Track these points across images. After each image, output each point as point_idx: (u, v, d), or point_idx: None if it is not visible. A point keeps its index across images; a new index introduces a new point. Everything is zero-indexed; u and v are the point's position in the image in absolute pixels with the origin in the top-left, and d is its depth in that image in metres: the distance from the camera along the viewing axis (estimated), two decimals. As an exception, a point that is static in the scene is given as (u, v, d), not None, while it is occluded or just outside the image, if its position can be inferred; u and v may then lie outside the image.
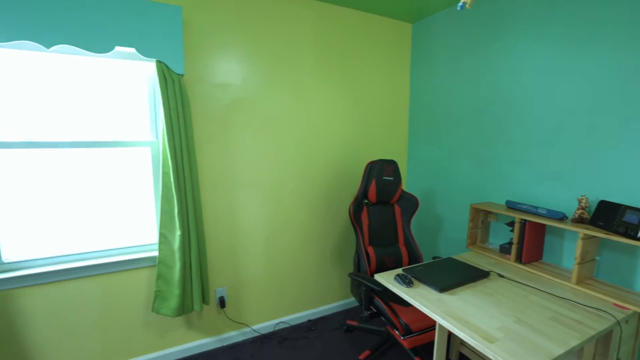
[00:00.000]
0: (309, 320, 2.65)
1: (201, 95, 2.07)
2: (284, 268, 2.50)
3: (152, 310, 2.00)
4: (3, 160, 1.72)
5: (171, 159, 1.83)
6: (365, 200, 2.42)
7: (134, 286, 2.02)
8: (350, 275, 2.12)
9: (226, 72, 2.13)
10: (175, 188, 1.85)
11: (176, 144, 1.85)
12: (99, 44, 1.67)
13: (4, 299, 1.73)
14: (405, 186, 3.02)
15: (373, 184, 2.29)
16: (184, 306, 2.01)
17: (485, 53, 2.23)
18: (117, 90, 1.92)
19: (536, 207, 1.84)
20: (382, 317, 2.07)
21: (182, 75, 1.86)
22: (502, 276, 1.81)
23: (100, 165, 1.92)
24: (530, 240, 1.89)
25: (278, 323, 2.54)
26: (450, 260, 1.98)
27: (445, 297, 1.58)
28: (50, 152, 1.81)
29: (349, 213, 2.24)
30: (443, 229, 2.66)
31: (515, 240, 1.92)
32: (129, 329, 2.04)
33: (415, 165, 2.90)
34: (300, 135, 2.43)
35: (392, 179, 2.33)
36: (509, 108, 2.11)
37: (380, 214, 2.39)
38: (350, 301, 2.86)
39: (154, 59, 1.79)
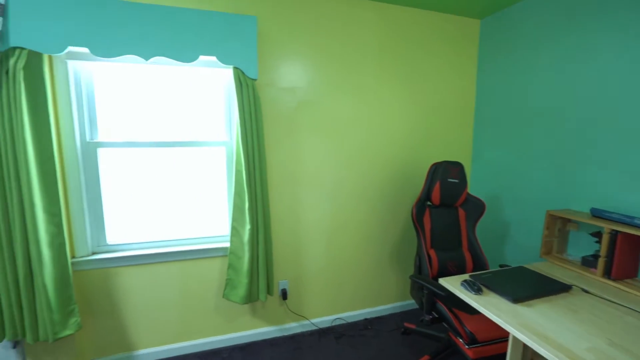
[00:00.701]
0: (366, 319, 2.67)
1: (270, 99, 2.20)
2: (343, 265, 2.56)
3: (223, 296, 2.18)
4: (109, 158, 2.01)
5: (244, 158, 1.98)
6: (428, 202, 2.37)
7: (208, 273, 2.22)
8: (411, 277, 2.10)
9: (293, 75, 2.23)
10: (246, 185, 2.00)
11: (249, 144, 1.99)
12: (186, 54, 1.86)
13: (107, 275, 2.03)
14: (468, 189, 2.88)
15: (437, 186, 2.23)
16: (251, 295, 2.16)
17: (565, 46, 2.05)
18: (198, 96, 2.13)
19: (632, 217, 1.65)
20: (443, 323, 2.02)
21: (256, 80, 1.99)
22: (586, 291, 1.65)
23: (183, 163, 2.14)
24: (623, 254, 1.70)
25: (335, 319, 2.60)
26: (522, 270, 1.86)
27: (520, 308, 1.49)
28: (145, 151, 2.06)
29: (411, 214, 2.22)
30: (510, 236, 2.50)
31: (602, 253, 1.74)
32: (202, 310, 2.25)
33: (480, 167, 2.76)
34: (362, 136, 2.46)
35: (457, 181, 2.25)
36: (593, 105, 1.91)
37: (444, 217, 2.32)
38: (407, 303, 2.82)
39: (231, 66, 1.95)
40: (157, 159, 2.10)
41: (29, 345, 1.92)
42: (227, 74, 2.14)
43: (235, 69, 1.94)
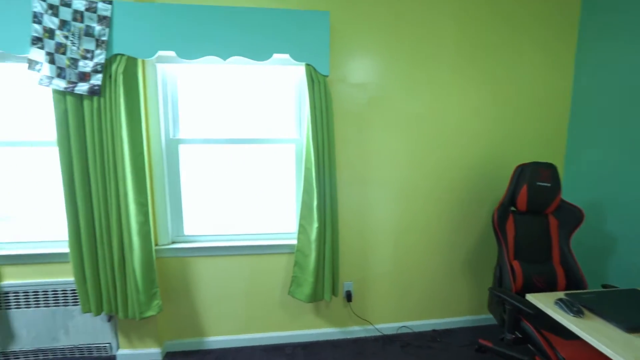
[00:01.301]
0: (434, 330, 2.50)
1: (340, 95, 2.16)
2: (410, 270, 2.42)
3: (288, 293, 2.19)
4: (187, 154, 2.15)
5: (314, 156, 1.96)
6: (512, 208, 2.12)
7: (274, 269, 2.25)
8: (491, 290, 1.89)
9: (364, 71, 2.16)
10: (315, 183, 1.98)
11: (319, 142, 1.97)
12: (261, 52, 1.90)
13: (184, 263, 2.17)
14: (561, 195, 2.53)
15: (523, 189, 1.98)
16: (316, 294, 2.14)
17: None
18: (269, 94, 2.17)
19: None
20: (529, 345, 1.78)
21: (327, 76, 1.96)
22: None
23: (254, 159, 2.21)
24: None
25: (401, 327, 2.47)
26: (636, 293, 1.56)
27: (637, 340, 1.24)
28: (220, 148, 2.17)
29: (492, 220, 2.00)
30: (616, 252, 2.13)
31: None
32: (268, 305, 2.30)
33: (576, 170, 2.40)
34: (435, 133, 2.29)
35: (549, 185, 1.98)
36: None
37: (531, 224, 2.06)
38: (481, 318, 2.57)
39: (304, 63, 1.94)
40: (231, 155, 2.19)
41: (120, 321, 2.14)
42: (298, 71, 2.15)
43: (308, 65, 1.94)
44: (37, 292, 2.10)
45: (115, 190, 1.86)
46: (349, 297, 2.33)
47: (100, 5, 1.76)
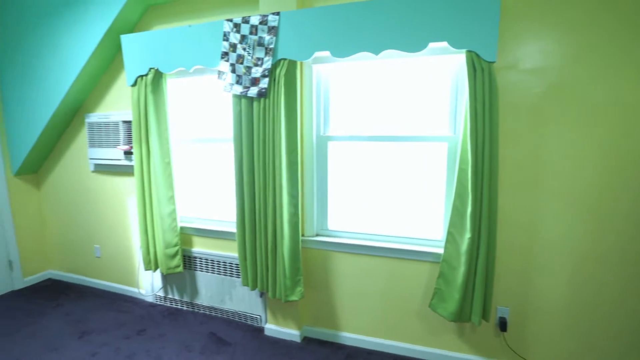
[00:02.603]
0: (633, 399, 1.83)
1: (508, 84, 1.80)
2: (597, 308, 1.83)
3: (429, 306, 1.99)
4: (335, 150, 2.21)
5: (471, 155, 1.70)
6: None
7: (415, 276, 2.09)
8: None
9: (542, 53, 1.73)
10: (471, 187, 1.71)
11: (478, 139, 1.70)
12: (415, 43, 1.76)
13: (326, 256, 2.26)
14: None
15: None
16: (462, 314, 1.87)
17: None
18: (420, 88, 2.00)
19: None
20: None
21: (493, 62, 1.66)
22: None
23: (401, 158, 2.09)
24: None
25: (577, 380, 1.91)
26: None
27: None
28: (366, 145, 2.14)
29: None
30: None
31: None
32: (404, 314, 2.15)
33: None
34: (657, 129, 1.65)
35: None
36: None
37: None
38: None
39: (464, 49, 1.70)
40: (377, 152, 2.14)
41: (269, 299, 2.40)
42: (456, 60, 1.91)
43: (469, 52, 1.68)
44: (214, 261, 2.58)
45: (272, 182, 2.08)
46: (503, 325, 1.95)
47: (270, 17, 1.99)
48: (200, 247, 2.64)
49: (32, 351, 2.24)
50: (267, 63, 2.01)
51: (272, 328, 2.42)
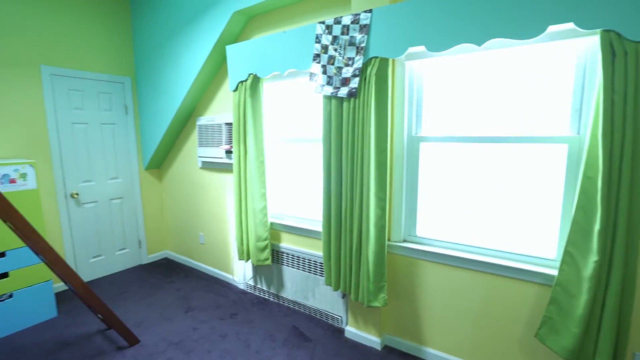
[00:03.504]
0: None
1: (663, 70, 1.41)
2: None
3: (535, 336, 1.70)
4: (428, 152, 2.06)
5: (603, 161, 1.38)
6: None
7: (517, 298, 1.81)
8: None
9: None
10: (602, 199, 1.39)
11: (615, 141, 1.37)
12: (529, 29, 1.52)
13: (412, 264, 2.13)
14: None
15: None
16: (581, 353, 1.54)
17: None
18: (531, 81, 1.72)
19: None
20: None
21: (642, 43, 1.32)
22: None
23: (503, 161, 1.84)
24: None
25: None
26: None
27: None
28: (464, 146, 1.95)
29: None
30: None
31: None
32: (501, 338, 1.89)
33: None
34: None
35: None
36: None
37: None
38: None
39: (597, 29, 1.39)
40: (477, 155, 1.92)
41: (351, 302, 2.38)
42: (583, 45, 1.58)
43: (605, 32, 1.37)
44: (300, 257, 2.67)
45: (360, 183, 2.05)
46: (643, 375, 1.54)
47: (362, 15, 1.95)
48: (287, 243, 2.77)
49: (151, 318, 2.65)
50: (358, 62, 1.98)
51: (353, 331, 2.39)
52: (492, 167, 1.87)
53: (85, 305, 2.49)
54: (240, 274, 3.16)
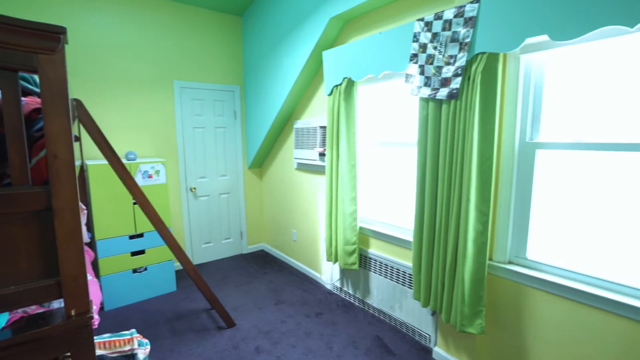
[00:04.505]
0: None
1: None
2: None
3: None
4: (547, 161, 1.73)
5: None
6: None
7: (676, 357, 1.37)
8: None
9: None
10: None
11: None
12: None
13: (520, 291, 1.81)
14: None
15: None
16: None
17: None
18: None
19: None
20: None
21: None
22: None
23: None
24: None
25: None
26: None
27: None
28: (596, 155, 1.57)
29: None
30: None
31: None
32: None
33: None
34: None
35: None
36: None
37: None
38: None
39: None
40: (612, 166, 1.53)
41: (441, 322, 2.17)
42: None
43: None
44: (388, 265, 2.57)
45: (458, 193, 1.85)
46: None
47: (468, 7, 1.74)
48: (376, 249, 2.70)
49: (246, 304, 2.91)
50: (461, 60, 1.78)
51: (442, 353, 2.18)
52: (634, 181, 1.46)
53: (195, 285, 2.89)
54: (328, 274, 3.21)
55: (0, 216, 0.87)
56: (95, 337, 1.26)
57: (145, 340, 1.35)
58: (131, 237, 2.90)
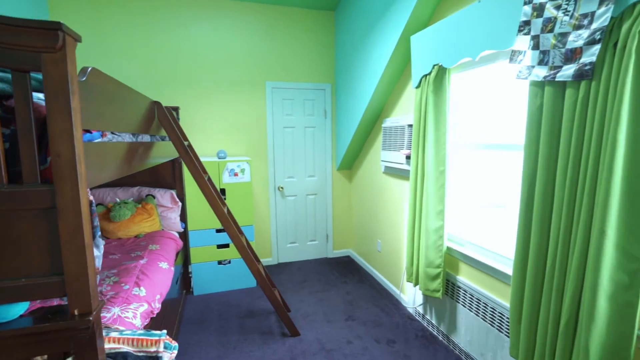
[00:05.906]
0: None
1: None
2: None
3: None
4: None
5: None
6: None
7: None
8: None
9: None
10: None
11: None
12: None
13: None
14: None
15: None
16: None
17: None
18: None
19: None
20: None
21: None
22: None
23: None
24: None
25: None
26: None
27: None
28: None
29: None
30: None
31: None
32: None
33: None
34: None
35: None
36: None
37: None
38: None
39: None
40: None
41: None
42: None
43: None
44: (480, 300, 2.01)
45: (587, 220, 1.24)
46: None
47: (623, -64, 1.13)
48: (466, 278, 2.16)
49: (316, 314, 2.75)
50: (603, 18, 1.17)
51: None
52: None
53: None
54: (411, 295, 2.78)
55: (12, 212, 0.91)
56: (127, 332, 1.29)
57: (174, 344, 1.32)
58: (217, 231, 3.11)
